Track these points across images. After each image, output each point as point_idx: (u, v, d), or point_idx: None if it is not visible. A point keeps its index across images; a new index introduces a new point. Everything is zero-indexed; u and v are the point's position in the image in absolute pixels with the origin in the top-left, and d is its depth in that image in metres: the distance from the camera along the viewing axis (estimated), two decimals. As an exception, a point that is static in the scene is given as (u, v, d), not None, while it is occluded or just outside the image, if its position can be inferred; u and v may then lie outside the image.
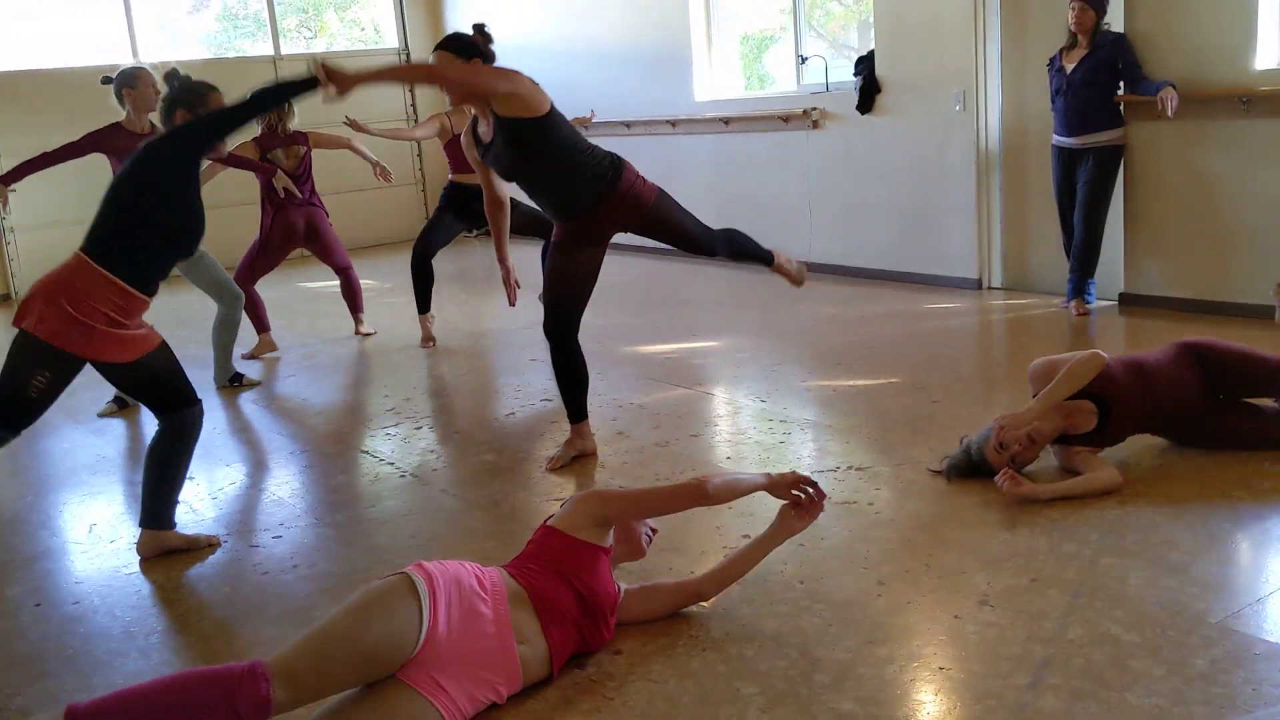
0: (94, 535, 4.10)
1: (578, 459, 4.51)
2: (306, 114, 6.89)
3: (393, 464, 4.71)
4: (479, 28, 4.45)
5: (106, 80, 5.89)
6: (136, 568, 3.78)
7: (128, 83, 5.88)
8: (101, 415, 5.75)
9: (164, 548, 3.82)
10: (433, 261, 6.91)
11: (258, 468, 4.87)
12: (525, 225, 7.11)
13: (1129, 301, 6.52)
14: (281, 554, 3.82)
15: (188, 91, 4.06)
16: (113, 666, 3.11)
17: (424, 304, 6.94)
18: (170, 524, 3.85)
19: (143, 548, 3.82)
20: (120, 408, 5.81)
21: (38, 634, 3.34)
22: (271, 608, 3.40)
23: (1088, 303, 6.46)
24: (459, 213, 6.87)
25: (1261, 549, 3.39)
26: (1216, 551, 3.32)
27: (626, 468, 4.42)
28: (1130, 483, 3.82)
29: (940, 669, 2.76)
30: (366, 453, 4.89)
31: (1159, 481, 3.83)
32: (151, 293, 3.62)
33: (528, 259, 7.13)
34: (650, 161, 6.09)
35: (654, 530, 3.14)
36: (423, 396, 5.87)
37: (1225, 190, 6.03)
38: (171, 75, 4.22)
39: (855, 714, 2.60)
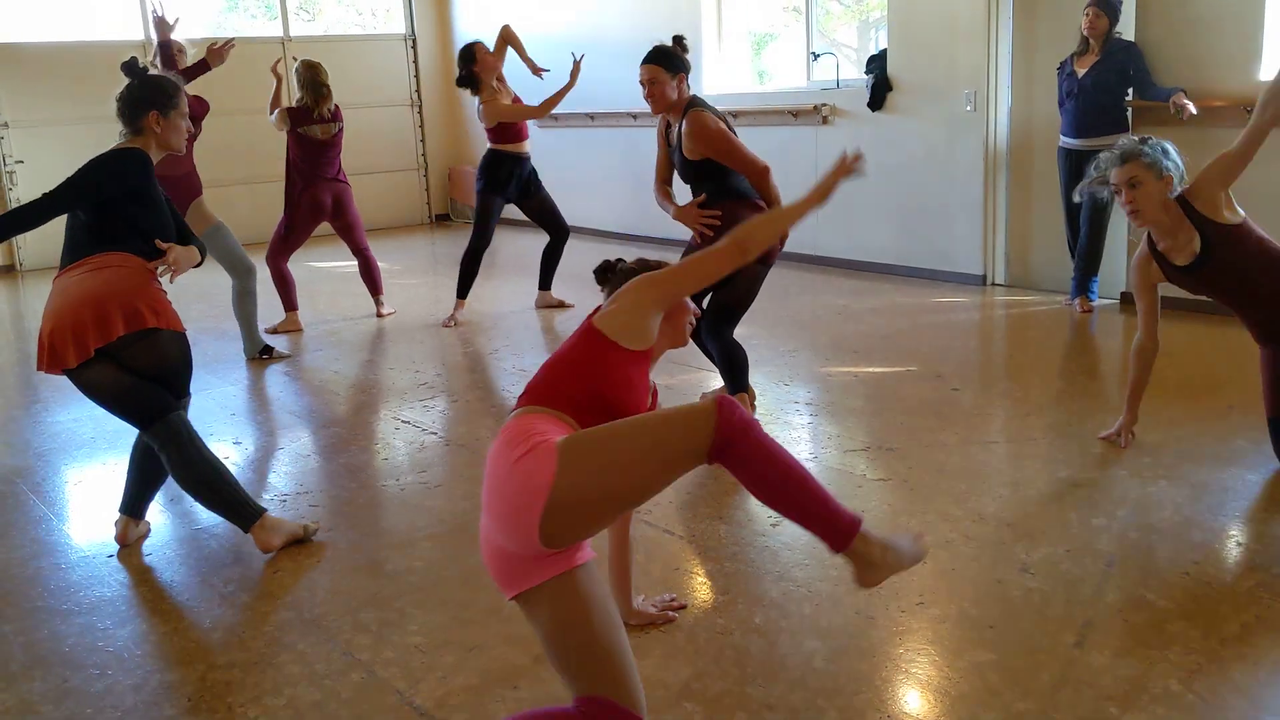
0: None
1: None
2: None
3: (435, 433, 4.86)
4: (679, 39, 4.67)
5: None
6: (201, 524, 3.92)
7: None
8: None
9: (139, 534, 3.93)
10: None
11: (299, 438, 5.00)
12: (541, 218, 7.28)
13: (1130, 300, 6.73)
14: (341, 516, 3.97)
15: (157, 90, 3.69)
16: (198, 611, 3.26)
17: (464, 291, 7.13)
18: (142, 514, 3.87)
19: (124, 534, 3.83)
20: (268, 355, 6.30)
21: (117, 581, 3.48)
22: (344, 560, 3.55)
23: (1091, 300, 6.69)
24: (500, 188, 6.98)
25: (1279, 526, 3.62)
26: (1238, 530, 3.54)
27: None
28: (1152, 466, 4.04)
29: (990, 627, 2.95)
30: (408, 423, 5.04)
31: (1180, 464, 4.04)
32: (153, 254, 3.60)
33: (533, 249, 7.30)
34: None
35: (696, 315, 2.70)
36: (454, 372, 6.02)
37: (1227, 195, 6.27)
38: (131, 66, 3.76)
39: (916, 663, 2.79)
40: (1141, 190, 3.86)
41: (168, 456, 3.49)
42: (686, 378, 5.57)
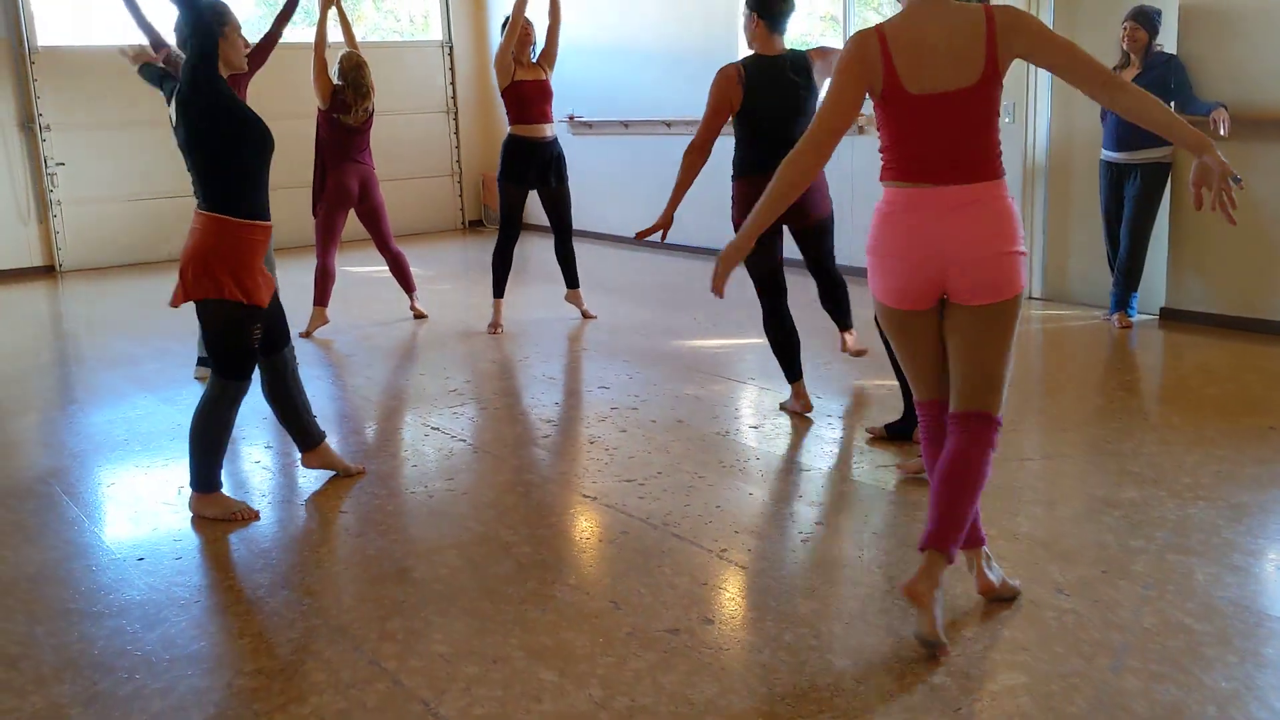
0: (182, 497, 4.24)
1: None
2: None
3: (464, 440, 4.86)
4: None
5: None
6: (231, 527, 3.93)
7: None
8: (199, 379, 5.96)
9: (325, 464, 4.37)
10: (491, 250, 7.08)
11: (331, 438, 5.00)
12: (550, 209, 7.14)
13: (1170, 316, 6.66)
14: (369, 523, 3.97)
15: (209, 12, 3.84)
16: (226, 614, 3.26)
17: (499, 289, 7.10)
18: (321, 437, 4.35)
19: (307, 462, 4.36)
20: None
21: (146, 584, 3.49)
22: (371, 567, 3.55)
23: (1130, 315, 6.61)
24: (519, 174, 6.93)
25: (1319, 553, 3.55)
26: (1275, 554, 3.47)
27: (691, 453, 4.56)
28: (1191, 487, 3.97)
29: (1024, 649, 2.90)
30: (437, 429, 5.03)
31: (1219, 486, 3.97)
32: (268, 217, 3.89)
33: (545, 250, 7.31)
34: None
35: None
36: (483, 379, 6.01)
37: (1271, 211, 6.18)
38: None
39: (947, 686, 2.75)
40: None
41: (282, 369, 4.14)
42: (718, 388, 5.53)
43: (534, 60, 7.03)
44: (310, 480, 4.41)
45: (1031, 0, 7.13)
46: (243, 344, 3.86)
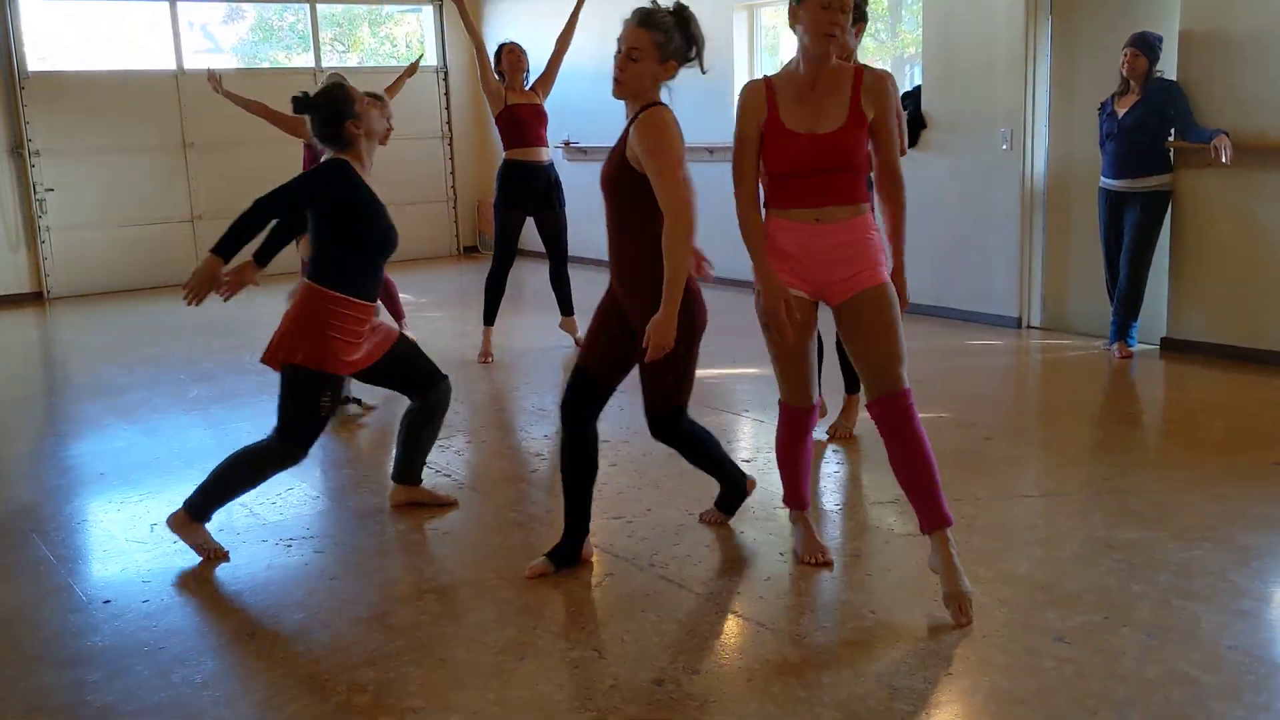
0: (156, 535, 4.12)
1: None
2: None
3: (450, 475, 4.73)
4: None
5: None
6: (203, 567, 3.81)
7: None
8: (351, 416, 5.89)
9: (412, 499, 4.33)
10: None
11: (311, 473, 4.88)
12: (547, 237, 7.05)
13: (1171, 346, 6.55)
14: (346, 564, 3.84)
15: (337, 100, 3.87)
16: (190, 664, 3.13)
17: (490, 317, 6.98)
18: (418, 480, 4.34)
19: (394, 498, 4.34)
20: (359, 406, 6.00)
21: (112, 630, 3.36)
22: (346, 612, 3.42)
23: (1130, 346, 6.49)
24: (515, 200, 6.82)
25: (1329, 597, 3.42)
26: (1285, 598, 3.35)
27: (683, 489, 4.43)
28: (1194, 527, 3.84)
29: (1022, 702, 2.77)
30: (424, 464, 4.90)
31: (1223, 526, 3.85)
32: (373, 298, 3.94)
33: (540, 276, 7.20)
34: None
35: None
36: (474, 410, 5.90)
37: (1272, 240, 6.07)
38: (301, 101, 3.93)
39: (943, 743, 2.62)
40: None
41: (426, 408, 4.20)
42: (712, 420, 5.41)
43: (528, 86, 6.95)
44: (286, 518, 4.29)
45: (1030, 27, 7.06)
46: (307, 408, 3.79)
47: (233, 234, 3.68)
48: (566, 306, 7.24)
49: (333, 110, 3.84)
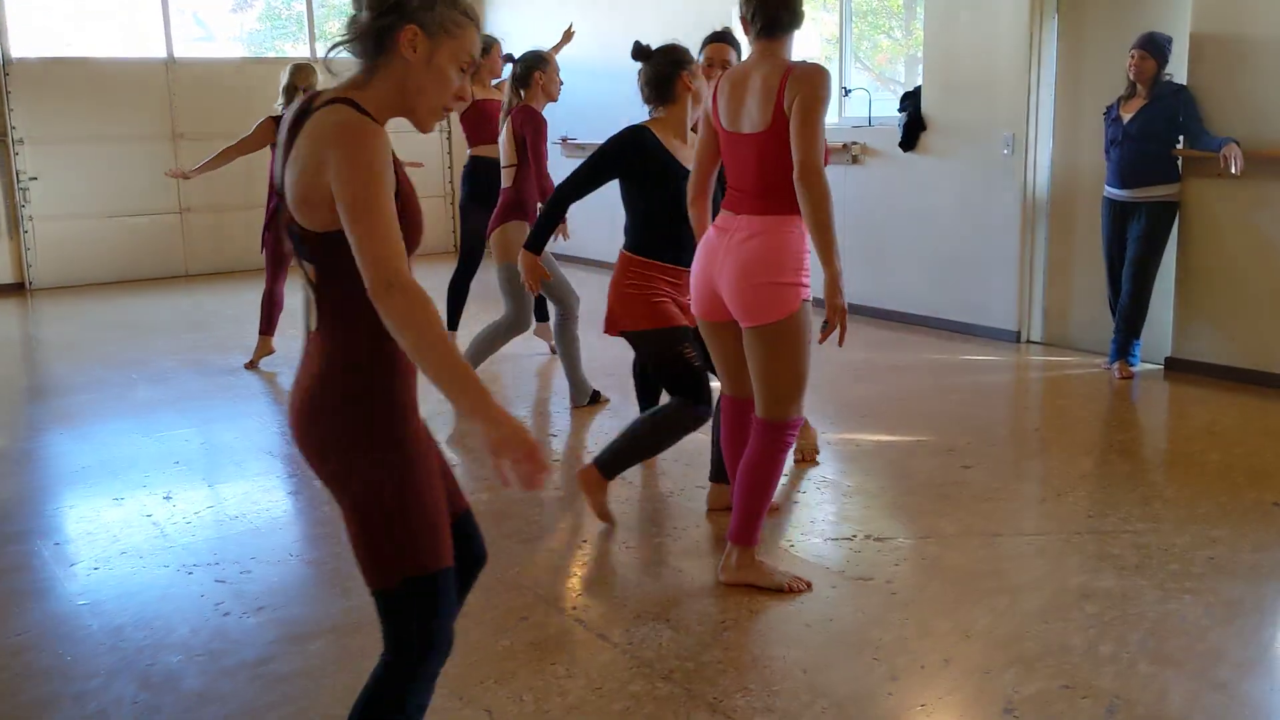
0: (52, 553, 3.83)
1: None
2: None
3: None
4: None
5: (511, 59, 5.81)
6: (91, 599, 3.51)
7: (539, 66, 5.73)
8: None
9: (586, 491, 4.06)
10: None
11: (240, 492, 4.59)
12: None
13: (1175, 367, 6.16)
14: (240, 597, 3.53)
15: (680, 55, 3.92)
16: (55, 708, 2.83)
17: (453, 322, 6.69)
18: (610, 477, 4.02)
19: (580, 474, 4.02)
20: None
21: (-29, 669, 3.07)
22: (227, 656, 3.11)
23: (1131, 365, 6.12)
24: (483, 199, 6.43)
25: (1321, 665, 3.06)
26: (1269, 667, 2.99)
27: (628, 517, 4.11)
28: (1178, 576, 3.49)
29: (955, 790, 2.44)
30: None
31: (1210, 576, 3.49)
32: (686, 263, 3.79)
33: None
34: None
35: None
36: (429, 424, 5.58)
37: (1286, 256, 5.69)
38: (641, 50, 4.00)
39: (855, 841, 2.28)
40: None
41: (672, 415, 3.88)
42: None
43: (495, 84, 6.67)
44: (198, 541, 3.99)
45: (1036, 27, 6.68)
46: (675, 365, 3.77)
47: (543, 228, 4.00)
48: (541, 312, 6.95)
49: (672, 59, 3.85)
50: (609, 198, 4.18)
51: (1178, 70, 5.94)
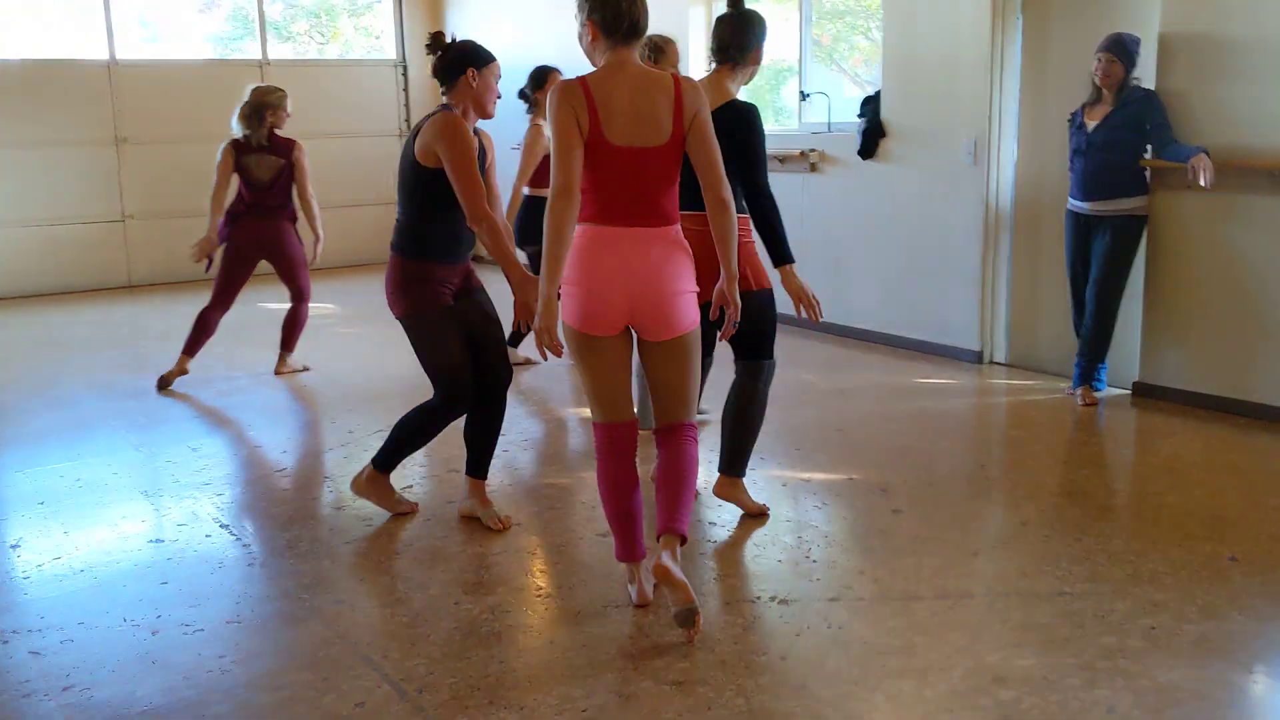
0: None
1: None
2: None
3: (242, 540, 4.02)
4: None
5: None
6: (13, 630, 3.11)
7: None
8: None
9: (732, 499, 4.18)
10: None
11: (94, 540, 4.18)
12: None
13: (1143, 392, 5.74)
14: (60, 667, 3.13)
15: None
16: None
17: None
18: (742, 473, 4.16)
19: (718, 490, 4.18)
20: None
21: None
22: (2, 754, 2.71)
23: (1096, 391, 5.70)
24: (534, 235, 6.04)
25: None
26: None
27: (510, 571, 3.70)
28: (1110, 652, 3.06)
29: None
30: (225, 527, 4.20)
31: (1147, 654, 3.06)
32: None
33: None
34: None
35: None
36: (313, 459, 5.18)
37: (1259, 275, 5.26)
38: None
39: None
40: None
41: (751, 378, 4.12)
42: (590, 475, 4.67)
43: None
44: (28, 598, 3.58)
45: (998, 30, 6.26)
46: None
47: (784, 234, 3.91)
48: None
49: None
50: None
51: (1146, 74, 5.52)
